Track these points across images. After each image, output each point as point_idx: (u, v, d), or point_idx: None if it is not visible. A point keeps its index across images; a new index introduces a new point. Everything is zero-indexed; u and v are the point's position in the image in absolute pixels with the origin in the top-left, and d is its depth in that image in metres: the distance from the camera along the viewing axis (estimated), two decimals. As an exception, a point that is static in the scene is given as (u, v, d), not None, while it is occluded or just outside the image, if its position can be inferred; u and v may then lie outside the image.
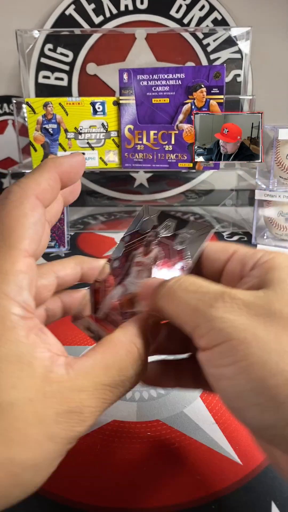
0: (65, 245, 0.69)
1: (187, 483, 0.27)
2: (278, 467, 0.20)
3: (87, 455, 0.30)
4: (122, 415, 0.33)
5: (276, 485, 0.27)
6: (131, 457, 0.29)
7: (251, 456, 0.29)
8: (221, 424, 0.32)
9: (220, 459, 0.29)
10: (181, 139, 0.70)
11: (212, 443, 0.30)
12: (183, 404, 0.34)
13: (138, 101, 0.70)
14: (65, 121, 0.70)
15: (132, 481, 0.28)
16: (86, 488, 0.27)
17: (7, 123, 0.98)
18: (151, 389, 0.36)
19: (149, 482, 0.28)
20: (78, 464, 0.29)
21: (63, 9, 0.90)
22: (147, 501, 0.26)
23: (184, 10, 0.90)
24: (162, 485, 0.27)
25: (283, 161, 0.67)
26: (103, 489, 0.27)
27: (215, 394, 0.25)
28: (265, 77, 0.94)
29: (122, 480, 0.28)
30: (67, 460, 0.29)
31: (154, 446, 0.30)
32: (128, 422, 0.33)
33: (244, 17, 0.91)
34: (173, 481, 0.28)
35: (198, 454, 0.30)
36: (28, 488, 0.18)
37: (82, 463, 0.29)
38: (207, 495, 0.27)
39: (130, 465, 0.29)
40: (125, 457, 0.30)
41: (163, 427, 0.32)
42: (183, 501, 0.26)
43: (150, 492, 0.27)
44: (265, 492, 0.27)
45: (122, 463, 0.29)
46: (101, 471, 0.28)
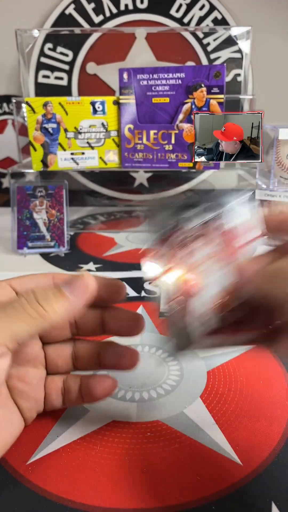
0: (64, 245, 0.69)
1: (187, 483, 0.27)
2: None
3: (86, 455, 0.30)
4: (122, 416, 0.33)
5: (276, 486, 0.27)
6: (130, 457, 0.29)
7: (251, 456, 0.29)
8: (221, 424, 0.32)
9: (220, 460, 0.29)
10: (181, 138, 0.70)
11: (212, 444, 0.30)
12: (183, 404, 0.34)
13: (138, 101, 0.70)
14: (65, 121, 0.70)
15: (132, 482, 0.28)
16: (86, 488, 0.27)
17: (6, 122, 0.98)
18: (151, 389, 0.36)
19: (149, 483, 0.28)
20: (78, 464, 0.29)
21: (63, 8, 0.90)
22: (147, 502, 0.26)
23: (184, 10, 0.90)
24: (162, 486, 0.27)
25: (283, 161, 0.67)
26: (103, 489, 0.27)
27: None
28: (265, 77, 0.94)
29: (122, 480, 0.28)
30: (67, 460, 0.29)
31: (154, 447, 0.30)
32: (128, 422, 0.33)
33: (244, 16, 0.91)
34: (173, 482, 0.28)
35: (198, 454, 0.30)
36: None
37: (82, 463, 0.29)
38: (207, 496, 0.27)
39: (130, 466, 0.29)
40: (125, 457, 0.29)
41: (163, 427, 0.32)
42: (183, 502, 0.26)
43: (150, 493, 0.27)
44: (265, 493, 0.27)
45: (122, 464, 0.29)
46: (101, 471, 0.28)
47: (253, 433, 0.31)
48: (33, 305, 0.25)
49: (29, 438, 0.31)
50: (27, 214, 0.68)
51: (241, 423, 0.32)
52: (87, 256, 0.68)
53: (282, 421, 0.32)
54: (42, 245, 0.68)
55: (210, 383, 0.37)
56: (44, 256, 0.67)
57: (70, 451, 0.30)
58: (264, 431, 0.31)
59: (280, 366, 0.39)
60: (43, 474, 0.28)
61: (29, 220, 0.68)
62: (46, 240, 0.68)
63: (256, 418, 0.33)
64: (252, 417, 0.33)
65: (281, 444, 0.30)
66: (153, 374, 0.38)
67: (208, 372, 0.38)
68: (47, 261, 0.66)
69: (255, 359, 0.40)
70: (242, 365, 0.39)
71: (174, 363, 0.40)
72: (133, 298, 0.53)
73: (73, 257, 0.67)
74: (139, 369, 0.39)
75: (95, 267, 0.64)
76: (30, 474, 0.28)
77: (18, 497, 0.27)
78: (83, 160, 0.73)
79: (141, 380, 0.37)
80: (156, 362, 0.40)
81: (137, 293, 0.54)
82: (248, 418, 0.33)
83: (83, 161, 0.73)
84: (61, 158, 0.72)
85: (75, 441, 0.31)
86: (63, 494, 0.27)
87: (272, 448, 0.30)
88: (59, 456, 0.30)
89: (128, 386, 0.36)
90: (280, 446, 0.30)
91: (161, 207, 0.27)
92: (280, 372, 0.38)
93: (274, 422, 0.32)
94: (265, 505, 0.26)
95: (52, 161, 0.72)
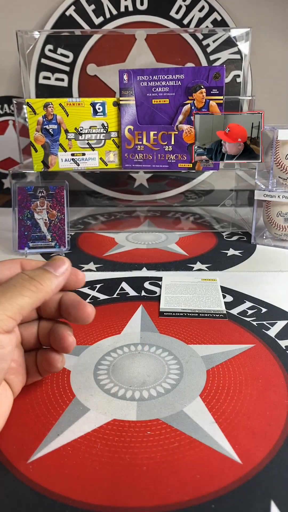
0: (65, 245, 0.69)
1: (186, 482, 0.28)
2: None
3: (87, 454, 0.30)
4: (122, 414, 0.33)
5: (275, 484, 0.27)
6: (131, 456, 0.30)
7: (250, 455, 0.29)
8: (220, 423, 0.32)
9: (219, 458, 0.29)
10: (181, 139, 0.71)
11: (211, 442, 0.31)
12: (182, 403, 0.35)
13: (138, 102, 0.71)
14: (66, 122, 0.71)
15: (132, 480, 0.28)
16: (86, 487, 0.27)
17: (7, 123, 0.98)
18: (151, 388, 0.36)
19: (148, 481, 0.28)
20: (78, 463, 0.29)
21: (64, 10, 0.90)
22: (146, 500, 0.26)
23: (183, 11, 0.90)
24: (161, 484, 0.27)
25: (282, 161, 0.67)
26: (103, 488, 0.27)
27: None
28: (264, 78, 0.94)
29: (122, 479, 0.28)
30: (67, 459, 0.29)
31: (154, 445, 0.30)
32: (128, 421, 0.33)
33: (244, 18, 0.91)
34: (172, 480, 0.28)
35: (197, 453, 0.30)
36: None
37: (82, 462, 0.29)
38: (206, 494, 0.27)
39: (130, 464, 0.29)
40: (125, 456, 0.30)
41: (163, 426, 0.32)
42: (182, 500, 0.26)
43: (150, 491, 0.27)
44: (265, 491, 0.27)
45: (122, 462, 0.29)
46: (101, 470, 0.29)
47: (253, 432, 0.31)
48: (31, 281, 0.30)
49: (30, 437, 0.31)
50: (28, 215, 0.68)
51: (240, 422, 0.32)
52: (88, 256, 0.68)
53: (281, 420, 0.32)
54: (43, 245, 0.69)
55: (209, 382, 0.37)
56: (45, 256, 0.68)
57: (70, 449, 0.30)
58: (263, 430, 0.32)
59: (280, 365, 0.39)
60: (44, 472, 0.28)
61: (30, 220, 0.68)
62: (47, 240, 0.69)
63: (255, 417, 0.33)
64: (251, 416, 0.33)
65: (280, 443, 0.30)
66: (153, 373, 0.38)
67: (208, 371, 0.38)
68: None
69: (255, 359, 0.40)
70: (242, 364, 0.39)
71: (174, 362, 0.40)
72: (133, 297, 0.53)
73: (74, 257, 0.67)
74: (139, 368, 0.39)
75: (95, 267, 0.64)
76: (31, 472, 0.28)
77: (19, 495, 0.27)
78: (83, 161, 0.73)
79: (141, 379, 0.37)
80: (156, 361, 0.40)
81: (137, 293, 0.54)
82: (247, 417, 0.33)
83: (83, 162, 0.73)
84: (62, 159, 0.72)
85: (76, 440, 0.31)
86: (63, 493, 0.27)
87: (271, 446, 0.30)
88: (60, 455, 0.30)
89: (128, 385, 0.37)
90: (279, 445, 0.30)
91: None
92: (280, 371, 0.38)
93: (273, 421, 0.32)
94: (265, 504, 0.26)
95: (53, 162, 0.72)
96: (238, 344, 0.43)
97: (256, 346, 0.42)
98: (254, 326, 0.46)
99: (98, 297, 0.54)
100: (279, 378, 0.37)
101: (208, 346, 0.42)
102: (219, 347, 0.42)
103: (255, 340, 0.43)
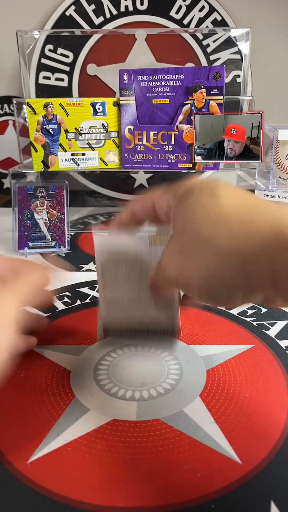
0: (65, 245, 0.69)
1: (186, 482, 0.28)
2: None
3: (87, 454, 0.30)
4: (122, 414, 0.33)
5: (275, 484, 0.27)
6: (131, 456, 0.30)
7: (250, 455, 0.29)
8: (220, 423, 0.32)
9: (219, 458, 0.29)
10: (181, 139, 0.71)
11: (211, 442, 0.31)
12: (182, 403, 0.35)
13: (138, 102, 0.71)
14: (66, 122, 0.71)
15: (132, 480, 0.28)
16: (86, 486, 0.27)
17: (7, 123, 0.98)
18: (151, 388, 0.36)
19: (148, 481, 0.28)
20: (78, 463, 0.29)
21: (64, 10, 0.90)
22: (146, 500, 0.26)
23: (184, 11, 0.90)
24: (161, 484, 0.27)
25: (282, 161, 0.67)
26: (103, 488, 0.27)
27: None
28: (264, 78, 0.94)
29: (122, 479, 0.28)
30: (67, 459, 0.29)
31: (154, 445, 0.30)
32: (128, 421, 0.33)
33: (244, 18, 0.91)
34: (172, 480, 0.28)
35: (197, 453, 0.30)
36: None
37: (82, 462, 0.29)
38: (206, 494, 0.27)
39: (130, 464, 0.29)
40: (125, 456, 0.30)
41: (163, 426, 0.32)
42: (182, 500, 0.26)
43: (150, 491, 0.27)
44: (265, 491, 0.27)
45: (122, 462, 0.29)
46: (101, 470, 0.29)
47: (252, 432, 0.31)
48: (39, 265, 0.35)
49: (29, 437, 0.31)
50: (28, 214, 0.68)
51: (240, 422, 0.32)
52: (88, 256, 0.68)
53: (281, 420, 0.32)
54: (43, 245, 0.69)
55: (209, 382, 0.37)
56: (45, 256, 0.68)
57: (70, 449, 0.30)
58: (263, 430, 0.32)
59: (280, 365, 0.39)
60: (44, 472, 0.28)
61: (30, 220, 0.68)
62: (47, 240, 0.69)
63: (255, 417, 0.33)
64: (251, 416, 0.33)
65: (280, 442, 0.30)
66: (153, 373, 0.38)
67: (208, 371, 0.38)
68: (47, 262, 0.66)
69: (255, 359, 0.40)
70: (242, 364, 0.39)
71: (174, 362, 0.40)
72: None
73: (74, 257, 0.67)
74: (139, 368, 0.39)
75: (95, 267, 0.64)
76: (31, 472, 0.28)
77: (19, 495, 0.27)
78: (83, 160, 0.73)
79: (141, 379, 0.37)
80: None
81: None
82: (247, 417, 0.33)
83: (83, 162, 0.73)
84: (62, 159, 0.72)
85: (76, 440, 0.31)
86: (63, 493, 0.27)
87: (271, 446, 0.30)
88: (60, 455, 0.30)
89: (128, 385, 0.37)
90: (279, 445, 0.30)
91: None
92: (279, 371, 0.38)
93: (273, 421, 0.32)
94: (264, 504, 0.26)
95: (53, 162, 0.72)
96: (238, 344, 0.43)
97: (256, 346, 0.42)
98: (254, 326, 0.46)
99: (98, 297, 0.54)
100: (279, 378, 0.37)
101: (208, 346, 0.42)
102: (219, 347, 0.42)
103: (255, 340, 0.43)
